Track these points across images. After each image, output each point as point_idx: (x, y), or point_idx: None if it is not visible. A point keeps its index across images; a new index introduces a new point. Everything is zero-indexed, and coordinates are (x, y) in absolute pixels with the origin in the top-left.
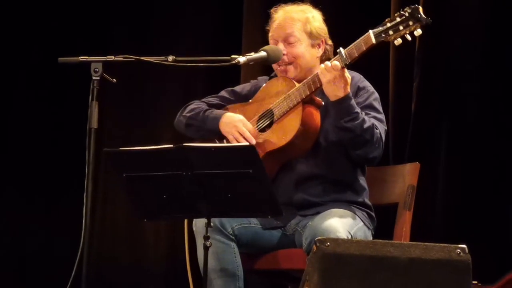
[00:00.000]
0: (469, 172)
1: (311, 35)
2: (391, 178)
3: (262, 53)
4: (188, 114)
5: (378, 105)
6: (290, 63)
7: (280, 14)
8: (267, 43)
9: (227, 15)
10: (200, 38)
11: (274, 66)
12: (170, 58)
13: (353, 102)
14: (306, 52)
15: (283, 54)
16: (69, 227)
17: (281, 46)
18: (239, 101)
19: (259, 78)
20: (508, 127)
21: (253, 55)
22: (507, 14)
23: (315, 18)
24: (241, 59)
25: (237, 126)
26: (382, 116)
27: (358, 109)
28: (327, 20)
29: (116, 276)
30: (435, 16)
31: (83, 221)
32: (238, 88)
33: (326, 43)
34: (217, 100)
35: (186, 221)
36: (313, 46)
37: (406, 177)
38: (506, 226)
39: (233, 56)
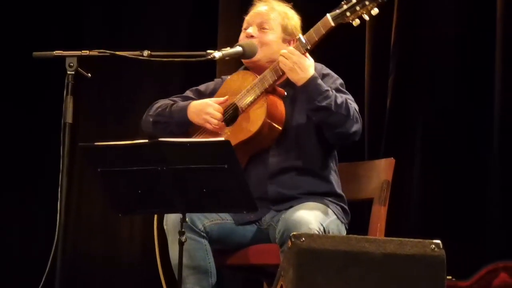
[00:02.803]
0: (444, 167)
1: (285, 29)
2: (366, 174)
3: (238, 48)
4: (154, 112)
5: (344, 89)
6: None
7: (262, 4)
8: None
9: (202, 9)
10: (174, 33)
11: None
12: (146, 53)
13: (320, 81)
14: (275, 43)
15: (252, 36)
16: (43, 222)
17: (253, 29)
18: None
19: (223, 77)
20: (483, 122)
21: (228, 50)
22: (480, 9)
23: (293, 18)
24: (217, 54)
25: (207, 111)
26: (351, 97)
27: (327, 87)
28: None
29: (91, 271)
30: (410, 12)
31: (58, 216)
32: (202, 87)
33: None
34: (181, 99)
35: (156, 219)
36: (283, 40)
37: (381, 172)
38: (481, 221)
39: (208, 51)
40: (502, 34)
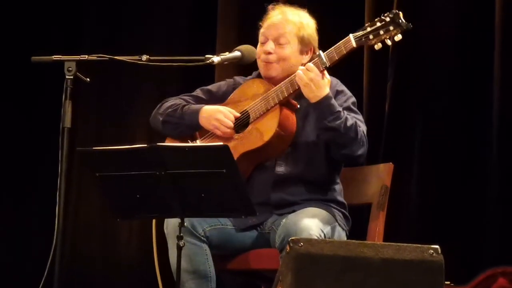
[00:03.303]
0: (443, 172)
1: (302, 41)
2: (365, 178)
3: (237, 53)
4: (165, 111)
5: (356, 108)
6: (277, 62)
7: (277, 13)
8: (241, 42)
9: (201, 14)
10: (173, 37)
11: (258, 60)
12: (144, 57)
13: (333, 101)
14: (293, 57)
15: (269, 53)
16: (42, 225)
17: (271, 44)
18: (214, 101)
19: (236, 77)
20: (482, 128)
21: (227, 55)
22: (479, 11)
23: (309, 25)
24: (215, 59)
25: (218, 118)
26: (361, 117)
27: (339, 108)
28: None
29: (89, 274)
30: (409, 17)
31: (56, 220)
32: (213, 88)
33: (313, 52)
34: (191, 99)
35: (154, 223)
36: (301, 52)
37: (379, 177)
38: (479, 226)
39: (207, 55)
40: (501, 36)
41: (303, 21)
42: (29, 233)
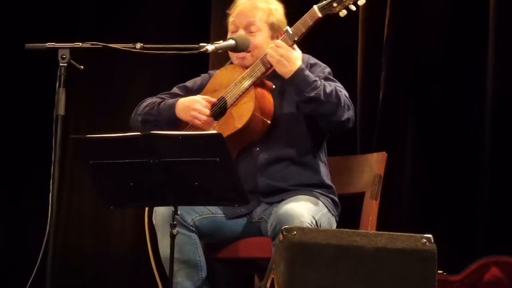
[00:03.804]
0: (436, 162)
1: (272, 26)
2: (358, 168)
3: (231, 42)
4: (142, 111)
5: (332, 77)
6: (248, 51)
7: (244, 0)
8: None
9: (195, 3)
10: (167, 26)
11: (230, 53)
12: (138, 45)
13: (308, 72)
14: (265, 43)
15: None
16: (34, 214)
17: (242, 33)
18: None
19: (210, 72)
20: (475, 117)
21: (221, 43)
22: (470, 8)
23: (277, 11)
24: (210, 47)
25: (195, 107)
26: (340, 84)
27: (315, 78)
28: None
29: (82, 264)
30: (403, 5)
31: (49, 208)
32: (189, 84)
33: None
34: (168, 96)
35: (146, 213)
36: (272, 38)
37: (373, 166)
38: (472, 216)
39: (201, 44)
40: (495, 29)
41: (271, 7)
42: (23, 222)
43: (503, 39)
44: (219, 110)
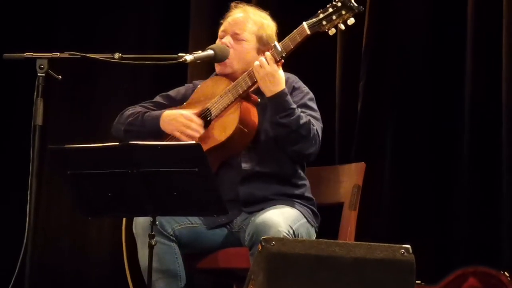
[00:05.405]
0: (414, 172)
1: (260, 40)
2: (336, 178)
3: (209, 52)
4: (125, 121)
5: (313, 104)
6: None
7: (239, 11)
8: (214, 41)
9: (173, 13)
10: (145, 36)
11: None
12: (117, 55)
13: (289, 98)
14: (249, 54)
15: (227, 47)
16: (12, 225)
17: (228, 38)
18: (174, 106)
19: (194, 82)
20: (454, 128)
21: (200, 53)
22: (450, 12)
23: (269, 26)
24: (188, 57)
25: (180, 120)
26: (317, 115)
27: (294, 105)
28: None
29: (60, 272)
30: (381, 15)
31: (27, 219)
32: (173, 93)
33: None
34: (151, 105)
35: (124, 223)
36: (258, 51)
37: (351, 177)
38: (450, 226)
39: (180, 54)
40: (473, 34)
41: (263, 21)
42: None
43: (480, 49)
44: (203, 122)
